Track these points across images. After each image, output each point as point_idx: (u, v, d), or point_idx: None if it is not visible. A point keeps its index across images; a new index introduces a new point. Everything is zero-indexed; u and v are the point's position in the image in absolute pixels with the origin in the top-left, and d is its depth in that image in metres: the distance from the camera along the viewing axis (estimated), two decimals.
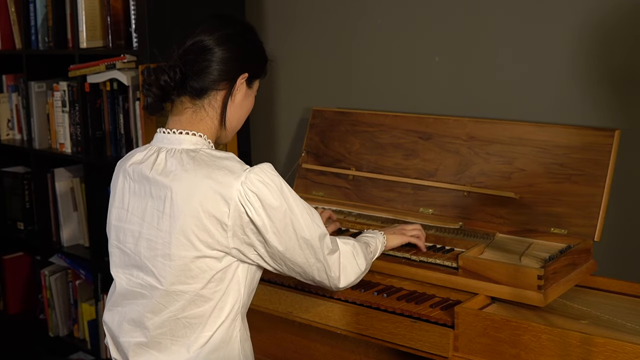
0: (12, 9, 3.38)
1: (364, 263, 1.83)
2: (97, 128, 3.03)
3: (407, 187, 2.43)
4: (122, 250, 1.67)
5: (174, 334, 1.61)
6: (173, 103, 1.67)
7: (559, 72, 2.29)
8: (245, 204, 1.55)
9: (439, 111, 2.53)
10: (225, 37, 1.64)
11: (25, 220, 3.54)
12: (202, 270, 1.57)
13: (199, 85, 1.63)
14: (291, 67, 2.98)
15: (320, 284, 1.75)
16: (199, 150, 1.62)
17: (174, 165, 1.59)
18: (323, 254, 1.68)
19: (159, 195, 1.59)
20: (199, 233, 1.55)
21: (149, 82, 1.62)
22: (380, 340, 1.95)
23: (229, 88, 1.66)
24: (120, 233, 1.67)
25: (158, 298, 1.60)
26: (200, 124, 1.66)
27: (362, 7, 2.71)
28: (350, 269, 1.78)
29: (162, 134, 1.67)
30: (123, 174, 1.68)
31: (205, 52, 1.62)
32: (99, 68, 2.86)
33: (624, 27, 2.15)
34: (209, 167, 1.57)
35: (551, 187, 2.16)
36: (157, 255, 1.59)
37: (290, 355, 2.23)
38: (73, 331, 3.44)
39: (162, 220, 1.58)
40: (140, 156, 1.67)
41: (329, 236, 1.71)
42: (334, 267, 1.73)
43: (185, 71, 1.62)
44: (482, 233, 2.18)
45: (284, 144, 3.03)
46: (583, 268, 2.03)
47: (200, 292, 1.59)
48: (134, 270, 1.64)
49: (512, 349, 1.77)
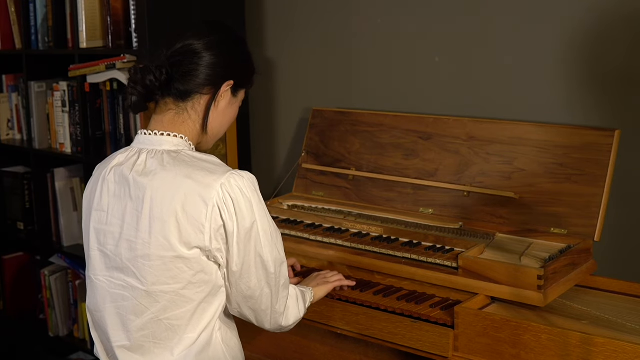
0: (12, 9, 3.38)
1: (303, 310, 1.81)
2: (97, 128, 3.03)
3: (407, 187, 2.43)
4: (103, 252, 1.66)
5: (155, 337, 1.61)
6: (157, 103, 1.67)
7: (559, 72, 2.29)
8: (222, 207, 1.55)
9: (439, 111, 2.53)
10: (215, 43, 1.65)
11: (25, 220, 3.54)
12: (181, 270, 1.57)
13: (183, 87, 1.63)
14: (291, 67, 2.97)
15: (261, 316, 1.68)
16: (180, 151, 1.62)
17: (154, 166, 1.59)
18: (277, 282, 1.65)
19: (138, 196, 1.59)
20: (177, 233, 1.55)
21: (134, 80, 1.63)
22: (380, 340, 1.95)
23: (213, 93, 1.66)
24: (100, 236, 1.67)
25: (139, 299, 1.60)
26: (182, 126, 1.66)
27: (362, 7, 2.71)
28: (292, 312, 1.75)
29: (144, 135, 1.67)
30: (102, 178, 1.67)
31: (193, 55, 1.62)
32: (99, 68, 2.86)
33: (624, 27, 2.15)
34: (189, 167, 1.57)
35: (551, 187, 2.16)
36: (137, 256, 1.59)
37: (290, 355, 2.23)
38: (73, 331, 3.43)
39: (141, 221, 1.58)
40: (121, 158, 1.66)
41: (286, 267, 1.69)
42: (282, 302, 1.70)
43: (172, 73, 1.62)
44: (482, 233, 2.18)
45: (284, 144, 3.03)
46: (583, 268, 2.03)
47: (181, 293, 1.58)
48: (115, 272, 1.64)
49: (512, 349, 1.77)
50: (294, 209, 2.52)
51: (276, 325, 1.73)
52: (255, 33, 3.05)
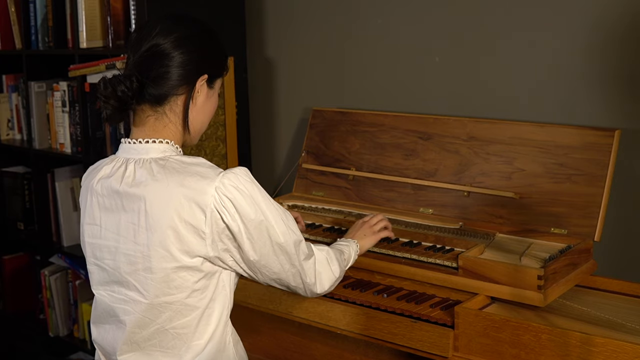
0: (12, 9, 3.38)
1: (338, 270, 1.80)
2: (97, 128, 3.03)
3: (407, 187, 2.43)
4: (100, 267, 1.63)
5: (162, 346, 1.60)
6: (134, 112, 1.62)
7: (559, 72, 2.29)
8: (221, 210, 1.52)
9: (439, 111, 2.53)
10: (182, 39, 1.59)
11: (25, 220, 3.54)
12: (184, 279, 1.55)
13: (157, 92, 1.58)
14: (291, 67, 2.97)
15: (295, 290, 1.72)
16: (168, 158, 1.58)
17: (144, 176, 1.55)
18: (298, 259, 1.66)
19: (132, 208, 1.55)
20: (177, 243, 1.52)
21: (105, 94, 1.56)
22: (380, 340, 1.95)
23: (189, 91, 1.61)
24: (96, 250, 1.63)
25: (143, 312, 1.58)
26: (164, 130, 1.61)
27: (362, 7, 2.71)
28: (325, 276, 1.75)
29: (127, 144, 1.63)
30: (90, 190, 1.64)
31: (162, 57, 1.57)
32: (99, 68, 2.86)
33: (624, 28, 2.15)
34: (181, 175, 1.53)
35: (551, 187, 2.16)
36: (137, 269, 1.56)
37: (290, 355, 2.23)
38: (73, 331, 3.44)
39: (139, 234, 1.55)
40: (107, 169, 1.62)
41: (304, 242, 1.68)
42: (310, 273, 1.70)
43: (142, 79, 1.56)
44: (482, 233, 2.18)
45: (284, 144, 3.03)
46: (583, 268, 2.03)
47: (185, 302, 1.56)
48: (115, 287, 1.61)
49: (512, 349, 1.77)
50: (294, 209, 2.52)
51: (313, 294, 1.75)
52: (255, 33, 3.05)
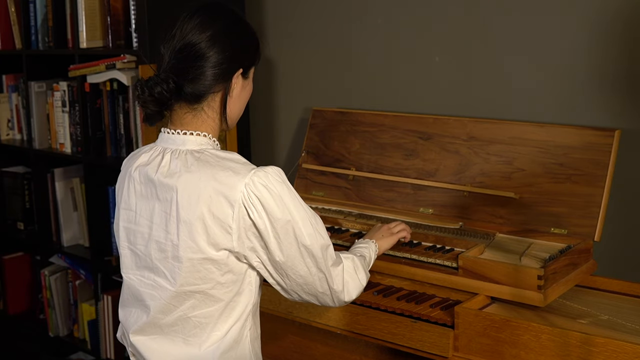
0: (12, 9, 3.38)
1: (365, 278, 1.79)
2: (97, 128, 3.03)
3: (407, 187, 2.43)
4: (133, 251, 1.67)
5: (185, 332, 1.62)
6: (172, 110, 1.64)
7: (559, 72, 2.29)
8: (248, 206, 1.53)
9: (439, 111, 2.53)
10: (217, 35, 1.60)
11: (25, 220, 3.54)
12: (209, 272, 1.57)
13: (194, 91, 1.60)
14: (291, 67, 2.97)
15: (323, 298, 1.69)
16: (203, 151, 1.61)
17: (178, 167, 1.58)
18: (326, 264, 1.64)
19: (165, 198, 1.59)
20: (204, 235, 1.54)
21: (143, 99, 1.59)
22: (380, 340, 1.95)
23: (225, 88, 1.64)
24: (130, 235, 1.67)
25: (168, 299, 1.61)
26: (202, 125, 1.64)
27: (362, 7, 2.71)
28: (352, 285, 1.74)
29: (167, 134, 1.65)
30: (129, 176, 1.67)
31: (197, 58, 1.58)
32: (99, 68, 2.86)
33: (624, 28, 2.15)
34: (214, 168, 1.56)
35: (551, 187, 2.16)
36: (167, 257, 1.59)
37: (290, 355, 2.23)
38: (73, 331, 3.44)
39: (170, 223, 1.58)
40: (145, 157, 1.65)
41: (332, 247, 1.67)
42: (337, 280, 1.69)
43: (179, 80, 1.59)
44: (482, 233, 2.18)
45: (284, 144, 3.03)
46: (583, 268, 2.03)
47: (210, 292, 1.58)
48: (145, 272, 1.65)
49: (512, 349, 1.77)
50: None
51: (340, 303, 1.73)
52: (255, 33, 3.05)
